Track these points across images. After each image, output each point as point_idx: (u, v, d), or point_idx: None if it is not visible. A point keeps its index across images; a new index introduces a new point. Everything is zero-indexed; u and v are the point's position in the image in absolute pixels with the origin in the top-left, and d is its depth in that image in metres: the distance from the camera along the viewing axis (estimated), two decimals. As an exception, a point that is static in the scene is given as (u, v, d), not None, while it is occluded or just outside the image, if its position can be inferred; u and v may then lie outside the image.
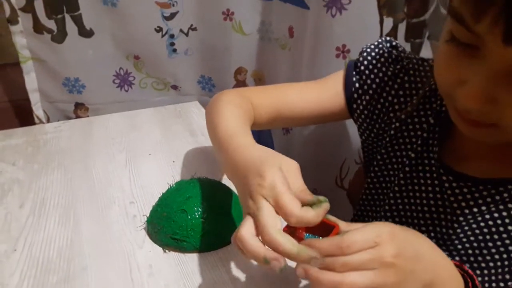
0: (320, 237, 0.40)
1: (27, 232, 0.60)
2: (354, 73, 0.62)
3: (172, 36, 0.93)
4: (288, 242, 0.36)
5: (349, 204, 0.95)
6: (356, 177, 0.91)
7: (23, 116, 0.98)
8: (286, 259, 0.37)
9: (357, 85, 0.62)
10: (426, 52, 0.78)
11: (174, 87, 1.01)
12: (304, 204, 0.40)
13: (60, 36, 0.87)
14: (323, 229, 0.40)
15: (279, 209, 0.39)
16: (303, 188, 0.42)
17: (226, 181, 0.68)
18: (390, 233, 0.37)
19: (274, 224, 0.37)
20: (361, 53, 0.62)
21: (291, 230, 0.40)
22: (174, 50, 0.95)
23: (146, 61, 0.96)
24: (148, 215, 0.61)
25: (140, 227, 0.60)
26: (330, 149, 0.90)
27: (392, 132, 0.59)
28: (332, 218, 0.41)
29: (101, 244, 0.58)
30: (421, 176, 0.55)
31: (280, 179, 0.41)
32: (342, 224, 0.40)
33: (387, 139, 0.60)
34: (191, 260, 0.55)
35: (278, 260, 0.36)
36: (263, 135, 1.07)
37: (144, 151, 0.81)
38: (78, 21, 0.88)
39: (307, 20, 0.80)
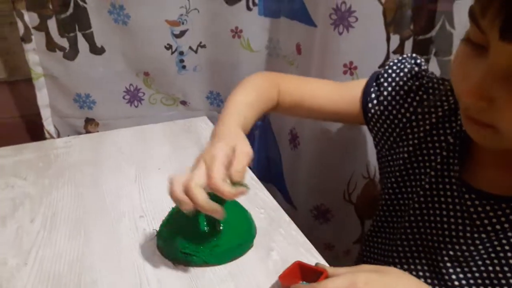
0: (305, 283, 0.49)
1: (38, 246, 0.60)
2: (374, 83, 0.64)
3: (181, 53, 0.95)
4: (199, 197, 0.48)
5: (357, 218, 0.95)
6: (364, 191, 0.91)
7: (34, 131, 0.99)
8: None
9: (373, 95, 0.63)
10: (433, 69, 0.79)
11: (183, 103, 1.02)
12: (231, 182, 0.49)
13: (72, 54, 0.89)
14: (316, 276, 0.47)
15: (207, 172, 0.49)
16: (240, 171, 0.50)
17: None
18: (365, 281, 0.40)
19: (198, 181, 0.48)
20: (385, 66, 0.64)
21: (287, 278, 0.48)
22: (184, 67, 0.97)
23: (156, 77, 0.97)
24: (157, 229, 0.61)
25: (150, 241, 0.61)
26: (337, 164, 0.90)
27: (411, 148, 0.59)
28: (321, 265, 0.48)
29: (111, 258, 0.58)
30: (441, 194, 0.55)
31: (223, 154, 0.51)
32: (330, 269, 0.47)
33: (405, 155, 0.60)
34: (201, 274, 0.55)
35: (188, 205, 0.48)
36: (271, 150, 1.08)
37: (154, 166, 0.82)
38: (89, 39, 0.90)
39: (314, 37, 0.81)
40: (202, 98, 1.03)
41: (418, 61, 0.62)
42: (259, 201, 0.70)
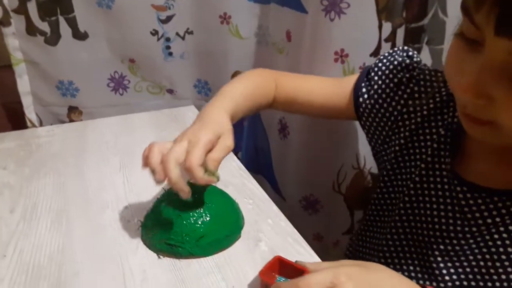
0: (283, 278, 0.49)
1: (17, 238, 0.58)
2: (365, 78, 0.63)
3: (168, 39, 0.92)
4: (173, 172, 0.49)
5: (347, 209, 0.94)
6: (353, 182, 0.90)
7: (15, 119, 0.96)
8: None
9: (364, 90, 0.63)
10: (424, 57, 0.78)
11: (170, 91, 1.00)
12: (205, 169, 0.51)
13: (53, 39, 0.86)
14: (295, 274, 0.46)
15: (188, 152, 0.51)
16: (216, 161, 0.52)
17: (222, 186, 0.67)
18: (346, 274, 0.40)
19: (176, 157, 0.50)
20: (376, 60, 0.64)
21: (266, 273, 0.48)
22: (170, 54, 0.94)
23: (142, 64, 0.94)
24: (142, 220, 0.60)
25: (134, 232, 0.59)
26: (327, 154, 0.89)
27: (402, 141, 0.58)
28: (302, 263, 0.47)
29: (93, 249, 0.56)
30: (432, 187, 0.54)
31: (207, 140, 0.52)
32: (312, 266, 0.47)
33: (397, 148, 0.59)
34: (186, 266, 0.53)
35: (160, 176, 0.50)
36: (260, 139, 1.06)
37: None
38: (72, 23, 0.87)
39: (305, 24, 0.80)
40: (189, 86, 1.01)
41: (410, 53, 0.61)
42: (247, 192, 0.68)
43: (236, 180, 0.72)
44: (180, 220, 0.54)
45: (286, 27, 0.86)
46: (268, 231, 0.60)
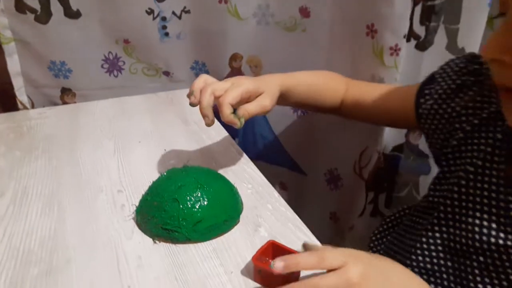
0: None
1: (6, 222, 0.56)
2: (429, 81, 0.63)
3: (164, 19, 0.89)
4: (206, 98, 0.56)
5: (364, 193, 0.93)
6: (375, 166, 0.89)
7: (5, 101, 0.92)
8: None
9: (426, 91, 0.62)
10: (440, 37, 0.76)
11: (166, 73, 0.97)
12: (234, 112, 0.57)
13: (44, 17, 0.82)
14: None
15: (226, 90, 0.57)
16: (248, 111, 0.57)
17: (220, 171, 0.64)
18: (360, 275, 0.39)
19: (215, 89, 0.57)
20: (443, 63, 0.63)
21: (259, 258, 0.47)
22: (166, 34, 0.91)
23: (137, 45, 0.91)
24: (137, 204, 0.58)
25: (128, 217, 0.57)
26: (351, 133, 0.90)
27: (455, 142, 0.56)
28: (310, 246, 0.46)
29: (86, 234, 0.54)
30: (478, 193, 0.50)
31: (249, 89, 0.58)
32: (314, 248, 0.45)
33: (449, 149, 0.56)
34: (183, 251, 0.51)
35: (195, 100, 0.57)
36: (257, 125, 1.04)
37: (134, 139, 0.77)
38: (63, 1, 0.83)
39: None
40: (186, 68, 0.98)
41: (479, 59, 0.58)
42: (246, 176, 0.66)
43: (235, 165, 0.69)
44: (176, 204, 0.52)
45: (300, 3, 0.85)
46: (268, 216, 0.58)
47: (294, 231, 0.55)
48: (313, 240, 0.54)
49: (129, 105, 0.91)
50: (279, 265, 0.40)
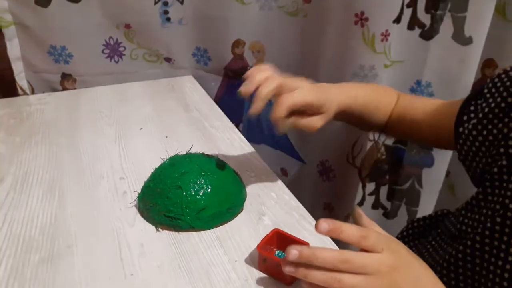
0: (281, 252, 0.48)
1: (6, 209, 0.55)
2: (475, 98, 0.55)
3: (165, 3, 0.87)
4: (266, 91, 0.50)
5: (359, 182, 0.93)
6: (368, 154, 0.88)
7: (5, 86, 0.91)
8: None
9: (471, 108, 0.54)
10: (447, 25, 0.74)
11: (168, 60, 0.95)
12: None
13: (44, 0, 0.81)
14: None
15: (297, 89, 0.52)
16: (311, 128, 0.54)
17: (223, 157, 0.63)
18: (396, 248, 0.40)
19: (279, 84, 0.51)
20: (494, 76, 0.54)
21: (264, 247, 0.46)
22: (168, 19, 0.89)
23: (138, 30, 0.89)
24: (139, 191, 0.57)
25: (130, 204, 0.56)
26: (346, 126, 0.87)
27: (496, 170, 0.48)
28: (360, 214, 0.44)
29: (88, 221, 0.53)
30: None
31: (315, 100, 0.53)
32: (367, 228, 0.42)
33: (488, 176, 0.50)
34: (186, 239, 0.51)
35: (250, 87, 0.50)
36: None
37: (135, 126, 0.76)
38: (64, -17, 0.81)
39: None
40: (187, 55, 0.96)
41: None
42: (249, 164, 0.66)
43: (238, 153, 0.69)
44: (180, 191, 0.51)
45: None
46: (272, 205, 0.57)
47: (298, 220, 0.54)
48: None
49: (130, 92, 0.89)
50: (323, 226, 0.38)
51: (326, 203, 0.99)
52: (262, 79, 0.51)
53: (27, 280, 0.45)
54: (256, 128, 1.05)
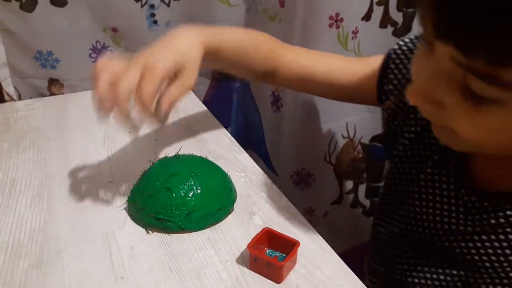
0: (281, 253, 0.48)
1: (-5, 215, 0.55)
2: (390, 59, 0.57)
3: (152, 6, 0.87)
4: (125, 105, 0.46)
5: (335, 179, 0.93)
6: (343, 151, 0.89)
7: (-9, 93, 0.90)
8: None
9: (388, 70, 0.57)
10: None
11: (155, 63, 0.95)
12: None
13: (29, 4, 0.80)
14: (284, 246, 0.47)
15: (141, 80, 0.46)
16: (172, 101, 0.49)
17: (213, 159, 0.63)
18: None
19: (129, 84, 0.46)
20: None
21: (255, 246, 0.46)
22: (155, 22, 0.89)
23: (125, 33, 0.89)
24: (129, 194, 0.56)
25: (120, 207, 0.56)
26: (319, 125, 0.87)
27: (412, 135, 0.54)
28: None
29: (77, 226, 0.53)
30: (437, 186, 0.50)
31: (167, 68, 0.48)
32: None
33: (406, 141, 0.55)
34: (177, 241, 0.51)
35: (107, 103, 0.47)
36: (250, 115, 1.03)
37: (124, 129, 0.75)
38: (49, -12, 0.81)
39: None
40: (175, 57, 0.96)
41: None
42: (239, 165, 0.66)
43: (227, 154, 0.69)
44: (169, 193, 0.51)
45: None
46: (262, 204, 0.57)
47: (289, 218, 0.55)
48: (308, 227, 0.53)
49: (118, 95, 0.89)
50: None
51: (306, 208, 0.99)
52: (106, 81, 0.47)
53: (16, 287, 0.44)
54: (242, 134, 1.05)
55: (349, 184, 0.96)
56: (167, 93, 0.48)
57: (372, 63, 0.59)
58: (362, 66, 0.61)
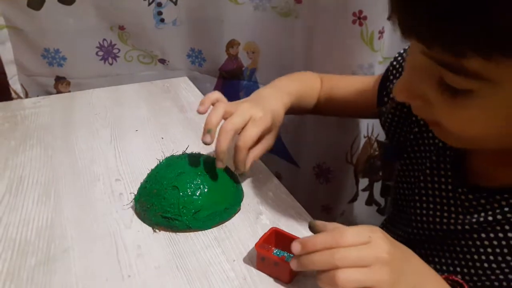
0: (288, 253, 0.47)
1: (2, 212, 0.55)
2: (390, 74, 0.61)
3: (159, 4, 0.87)
4: (226, 142, 0.52)
5: (353, 178, 0.92)
6: (362, 150, 0.88)
7: (-2, 90, 0.91)
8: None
9: (391, 76, 0.60)
10: None
11: (162, 61, 0.95)
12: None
13: (37, 2, 0.80)
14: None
15: (245, 129, 0.53)
16: (255, 158, 0.56)
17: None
18: (382, 232, 0.39)
19: (236, 124, 0.53)
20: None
21: (262, 246, 0.46)
22: (162, 20, 0.89)
23: (132, 32, 0.89)
24: (136, 193, 0.56)
25: (127, 206, 0.56)
26: (343, 127, 0.89)
27: (412, 136, 0.56)
28: (319, 223, 0.44)
29: (84, 224, 0.53)
30: (436, 187, 0.51)
31: (265, 126, 0.54)
32: (331, 225, 0.43)
33: (408, 143, 0.57)
34: (184, 239, 0.51)
35: (211, 140, 0.53)
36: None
37: (130, 128, 0.76)
38: (56, -14, 0.81)
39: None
40: (182, 56, 0.96)
41: None
42: (245, 163, 0.65)
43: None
44: (176, 192, 0.51)
45: None
46: (269, 203, 0.57)
47: (296, 218, 0.54)
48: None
49: (124, 94, 0.89)
50: (296, 247, 0.39)
51: (323, 205, 0.99)
52: (214, 99, 0.55)
53: (23, 284, 0.45)
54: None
55: (364, 182, 0.96)
56: (253, 149, 0.55)
57: (379, 78, 0.64)
58: (371, 80, 0.66)
